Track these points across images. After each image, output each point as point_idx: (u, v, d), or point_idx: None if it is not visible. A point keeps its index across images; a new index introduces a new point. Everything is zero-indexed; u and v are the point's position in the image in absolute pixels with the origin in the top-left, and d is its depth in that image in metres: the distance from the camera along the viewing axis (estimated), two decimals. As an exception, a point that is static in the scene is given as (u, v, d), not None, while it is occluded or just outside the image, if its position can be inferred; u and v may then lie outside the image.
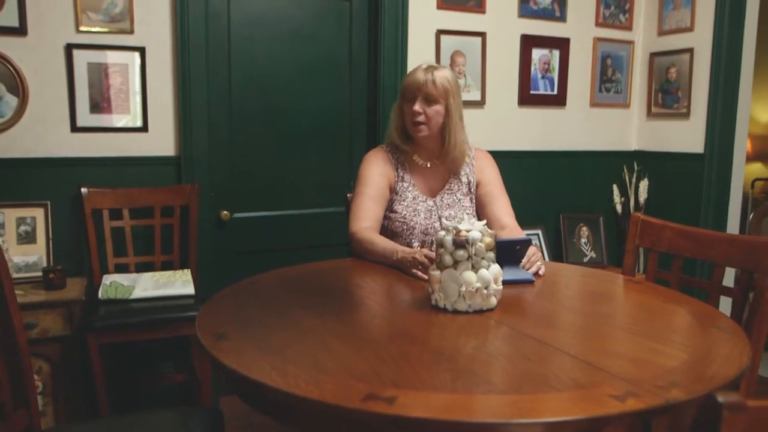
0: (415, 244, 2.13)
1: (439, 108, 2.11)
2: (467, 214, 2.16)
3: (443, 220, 2.14)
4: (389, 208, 2.20)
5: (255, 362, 1.15)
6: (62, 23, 2.62)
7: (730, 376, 1.11)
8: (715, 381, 1.09)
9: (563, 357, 1.19)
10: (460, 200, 2.21)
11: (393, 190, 2.20)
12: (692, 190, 3.58)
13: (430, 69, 2.12)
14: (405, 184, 2.20)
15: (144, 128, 2.81)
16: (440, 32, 3.33)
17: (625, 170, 3.88)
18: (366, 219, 2.11)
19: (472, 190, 2.24)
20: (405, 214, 2.15)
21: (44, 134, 2.64)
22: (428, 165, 2.21)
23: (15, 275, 2.45)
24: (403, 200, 2.18)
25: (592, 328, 1.43)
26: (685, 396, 1.01)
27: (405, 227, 2.14)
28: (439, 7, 3.32)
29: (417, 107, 2.10)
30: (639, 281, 1.87)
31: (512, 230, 2.14)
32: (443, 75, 2.12)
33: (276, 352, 1.20)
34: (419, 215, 2.16)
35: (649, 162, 3.85)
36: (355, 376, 1.08)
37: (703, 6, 3.49)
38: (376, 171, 2.19)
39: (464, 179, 2.23)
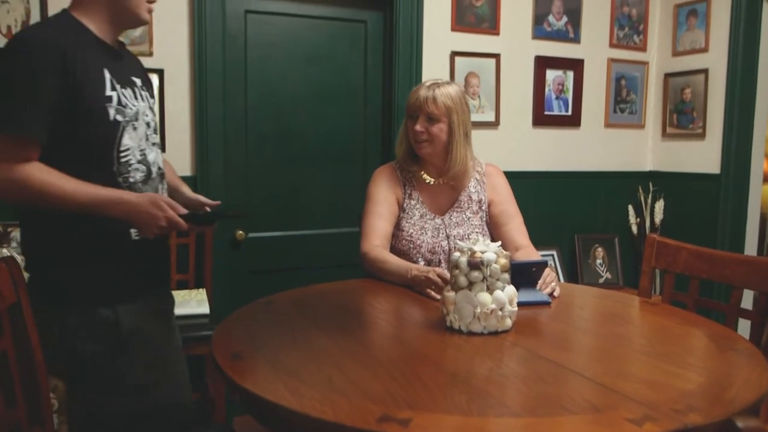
0: (422, 263, 2.12)
1: (442, 126, 2.09)
2: (476, 232, 2.15)
3: (451, 239, 2.13)
4: (396, 225, 2.19)
5: (269, 382, 1.16)
6: (83, 46, 2.66)
7: (750, 401, 1.10)
8: (734, 405, 1.07)
9: (579, 379, 1.19)
10: (469, 218, 2.18)
11: (401, 207, 2.19)
12: (708, 211, 3.55)
13: (432, 86, 2.10)
14: (413, 202, 2.19)
15: (161, 148, 2.83)
16: (454, 54, 3.35)
17: (641, 191, 3.87)
18: (377, 238, 2.11)
19: (483, 208, 2.21)
20: (412, 233, 2.14)
21: (63, 154, 2.68)
22: (436, 182, 2.20)
23: (33, 293, 2.47)
24: (411, 218, 2.17)
25: (607, 350, 1.42)
26: (703, 420, 1.00)
27: (411, 245, 2.13)
28: (454, 29, 3.35)
29: (419, 126, 2.09)
30: (655, 303, 1.86)
31: (527, 250, 2.13)
32: (445, 92, 2.09)
33: (290, 373, 1.20)
34: (426, 234, 2.14)
35: (664, 182, 3.83)
36: (370, 398, 1.08)
37: (717, 27, 3.50)
38: (384, 188, 2.19)
39: (474, 197, 2.20)
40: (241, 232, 3.04)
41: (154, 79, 2.78)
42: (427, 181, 2.20)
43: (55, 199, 1.44)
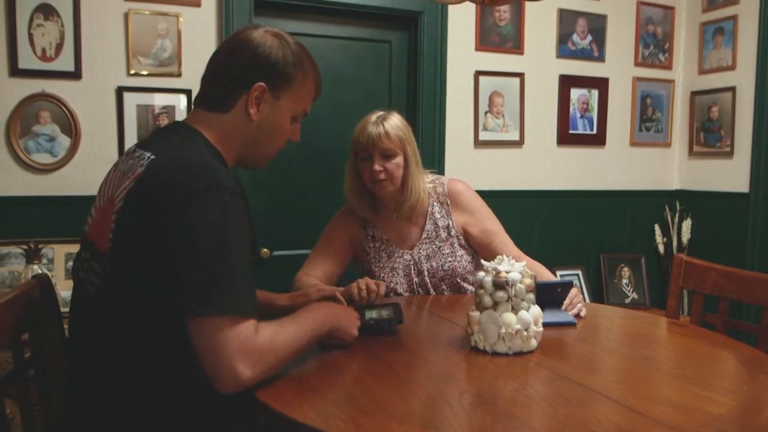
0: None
1: (398, 161, 1.97)
2: (449, 262, 2.05)
3: (424, 275, 2.05)
4: (367, 271, 2.09)
5: (294, 401, 1.16)
6: (114, 67, 2.73)
7: (782, 426, 1.07)
8: (766, 430, 1.05)
9: (605, 402, 1.17)
10: (439, 248, 2.06)
11: (362, 250, 2.10)
12: (737, 231, 3.50)
13: (379, 120, 1.97)
14: (377, 244, 2.09)
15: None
16: (478, 73, 3.37)
17: (667, 210, 3.82)
18: (311, 269, 2.03)
19: (453, 233, 2.07)
20: (383, 276, 2.04)
21: (93, 173, 2.73)
22: (399, 214, 2.08)
23: (63, 309, 2.52)
24: (378, 261, 2.07)
25: (634, 372, 1.40)
26: (733, 445, 0.98)
27: (387, 289, 2.02)
28: (478, 48, 3.36)
29: (377, 166, 1.94)
30: (683, 324, 1.83)
31: (523, 261, 2.03)
32: (395, 124, 1.97)
33: (315, 391, 1.21)
34: (398, 274, 2.05)
35: (692, 201, 3.79)
36: (394, 418, 1.08)
37: (744, 44, 3.47)
38: (337, 228, 2.12)
39: (441, 222, 2.07)
40: (266, 250, 3.06)
41: (182, 99, 2.84)
42: (388, 216, 2.09)
43: (297, 346, 1.28)
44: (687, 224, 3.72)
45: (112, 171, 1.34)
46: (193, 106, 1.43)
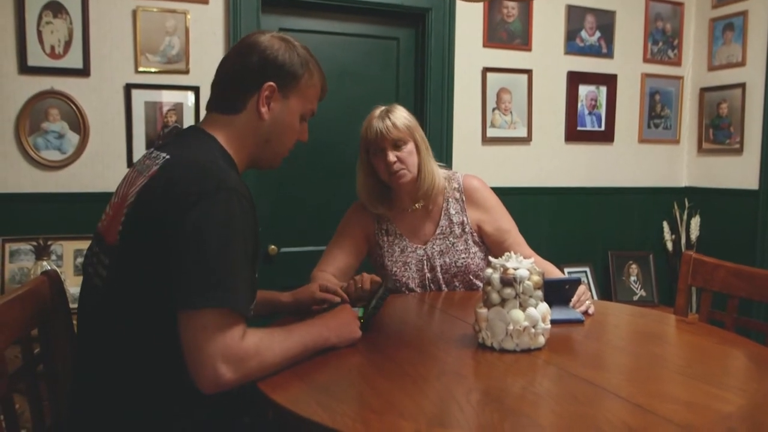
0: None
1: (410, 147, 1.98)
2: (462, 258, 2.04)
3: (437, 271, 2.05)
4: (380, 265, 2.10)
5: (301, 397, 1.16)
6: (122, 65, 2.74)
7: (792, 424, 1.07)
8: (776, 429, 1.05)
9: (614, 399, 1.17)
10: (453, 244, 2.05)
11: (376, 244, 2.10)
12: (747, 228, 3.48)
13: (383, 113, 1.98)
14: (390, 238, 2.09)
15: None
16: (486, 70, 3.36)
17: (676, 207, 3.81)
18: (328, 265, 2.03)
19: (467, 230, 2.07)
20: (395, 271, 2.05)
21: (102, 170, 2.75)
22: (414, 208, 2.08)
23: (72, 305, 2.53)
24: (392, 255, 2.07)
25: (643, 369, 1.40)
26: (743, 444, 0.98)
27: (398, 284, 2.04)
28: (485, 45, 3.36)
29: (391, 157, 1.95)
30: (692, 322, 1.82)
31: (536, 262, 2.03)
32: (400, 114, 1.99)
33: (322, 389, 1.21)
34: (410, 269, 2.05)
35: (700, 198, 3.77)
36: (402, 415, 1.08)
37: (754, 40, 3.44)
38: (352, 223, 2.12)
39: (456, 219, 2.07)
40: (273, 246, 3.07)
41: (190, 96, 2.84)
42: (403, 209, 2.09)
43: (285, 356, 1.28)
44: (696, 221, 3.70)
45: (130, 171, 1.37)
46: (206, 111, 1.45)
